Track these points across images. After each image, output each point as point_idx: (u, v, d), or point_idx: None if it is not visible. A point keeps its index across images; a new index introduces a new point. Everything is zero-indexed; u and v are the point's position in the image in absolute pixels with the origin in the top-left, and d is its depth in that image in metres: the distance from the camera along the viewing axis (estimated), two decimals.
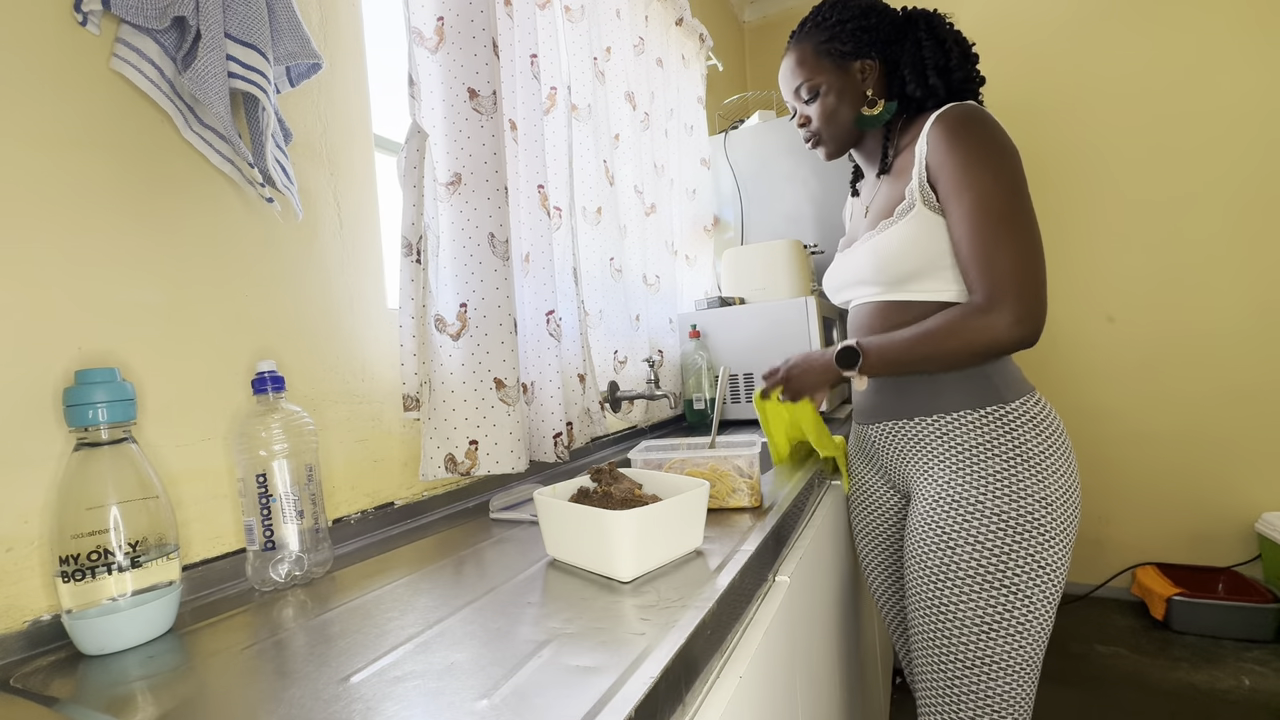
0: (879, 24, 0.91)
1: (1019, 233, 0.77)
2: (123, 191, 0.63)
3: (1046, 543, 0.77)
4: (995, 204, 0.77)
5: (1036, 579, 0.77)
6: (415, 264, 0.86)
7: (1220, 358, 2.13)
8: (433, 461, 0.90)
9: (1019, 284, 0.76)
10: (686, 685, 0.45)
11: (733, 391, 1.61)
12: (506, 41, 1.03)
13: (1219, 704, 1.63)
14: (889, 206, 0.89)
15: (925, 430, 0.86)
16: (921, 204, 0.83)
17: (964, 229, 0.79)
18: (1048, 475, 0.79)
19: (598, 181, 1.35)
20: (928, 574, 0.82)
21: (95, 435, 0.54)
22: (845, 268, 0.96)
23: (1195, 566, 2.16)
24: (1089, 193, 2.28)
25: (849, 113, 0.93)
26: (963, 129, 0.80)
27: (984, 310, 0.77)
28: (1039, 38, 2.33)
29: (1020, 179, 0.79)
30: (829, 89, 0.93)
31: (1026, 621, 0.77)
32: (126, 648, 0.53)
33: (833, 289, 1.01)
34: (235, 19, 0.64)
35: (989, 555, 0.78)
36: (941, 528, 0.81)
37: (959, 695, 0.80)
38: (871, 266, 0.88)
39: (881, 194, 0.93)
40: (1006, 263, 0.76)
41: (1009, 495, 0.78)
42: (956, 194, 0.79)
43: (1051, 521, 0.77)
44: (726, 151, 2.05)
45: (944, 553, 0.81)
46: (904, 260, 0.85)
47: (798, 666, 0.71)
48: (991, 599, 0.78)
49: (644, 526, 0.59)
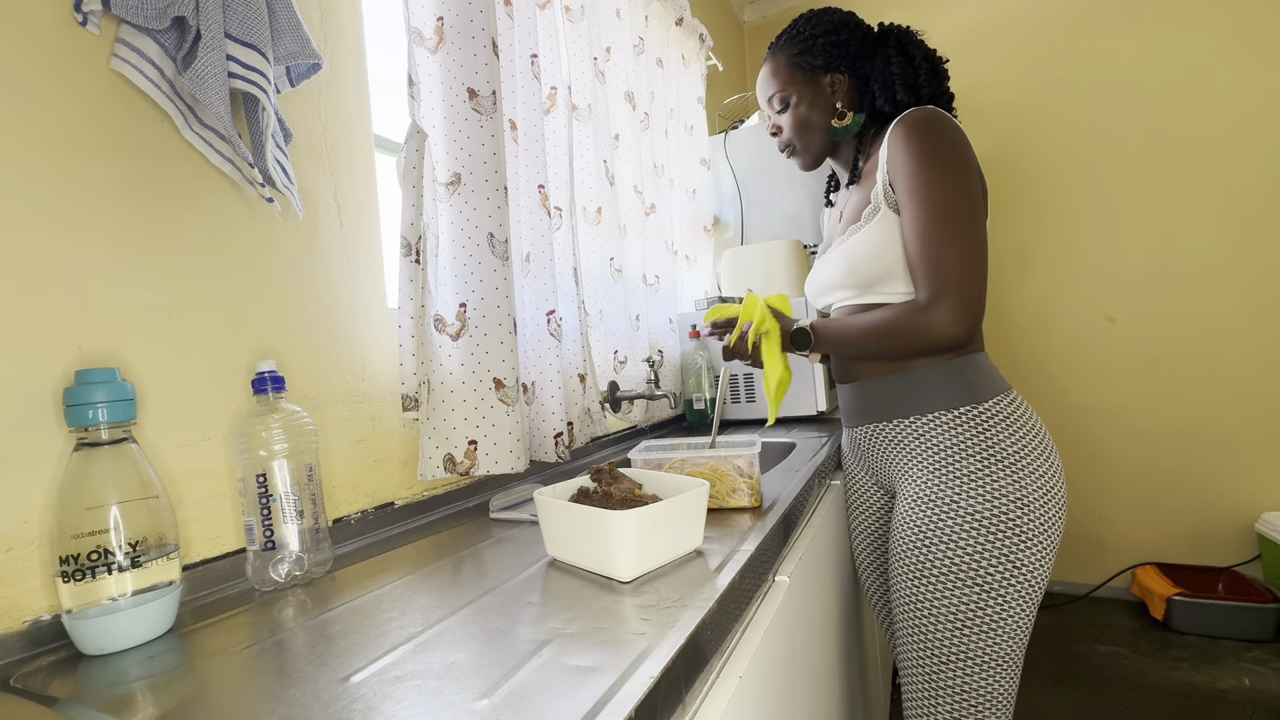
0: (850, 39, 0.94)
1: (962, 236, 0.80)
2: (123, 191, 0.63)
3: (1022, 543, 0.79)
4: (942, 208, 0.80)
5: (1011, 578, 0.78)
6: (414, 264, 0.86)
7: (1220, 358, 2.13)
8: (431, 461, 0.90)
9: (959, 285, 0.79)
10: (686, 685, 0.45)
11: (733, 391, 1.61)
12: (506, 41, 1.03)
13: (1219, 704, 1.63)
14: (857, 212, 0.92)
15: (905, 432, 0.89)
16: (886, 207, 0.86)
17: (912, 230, 0.82)
18: (1024, 475, 0.80)
19: (598, 181, 1.35)
20: (908, 571, 0.85)
21: (95, 435, 0.54)
22: (821, 273, 0.99)
23: (1195, 566, 2.16)
24: (1089, 193, 2.28)
25: (819, 124, 0.97)
26: (918, 133, 0.83)
27: (925, 309, 0.80)
28: (1038, 38, 2.33)
29: (969, 183, 0.82)
30: (799, 100, 0.97)
31: (1002, 619, 0.79)
32: (126, 648, 0.53)
33: (812, 294, 1.04)
34: (235, 19, 0.64)
35: (964, 554, 0.80)
36: (920, 527, 0.84)
37: (939, 690, 0.82)
38: (843, 270, 0.91)
39: (852, 200, 0.96)
40: (948, 264, 0.79)
41: (983, 495, 0.80)
42: (908, 196, 0.83)
43: (1028, 522, 0.79)
44: (726, 151, 2.05)
45: (922, 550, 0.83)
46: (872, 263, 0.87)
47: (798, 666, 0.71)
48: (967, 596, 0.80)
49: (644, 526, 0.59)
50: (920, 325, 0.81)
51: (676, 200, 1.85)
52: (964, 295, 0.79)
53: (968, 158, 0.83)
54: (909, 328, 0.82)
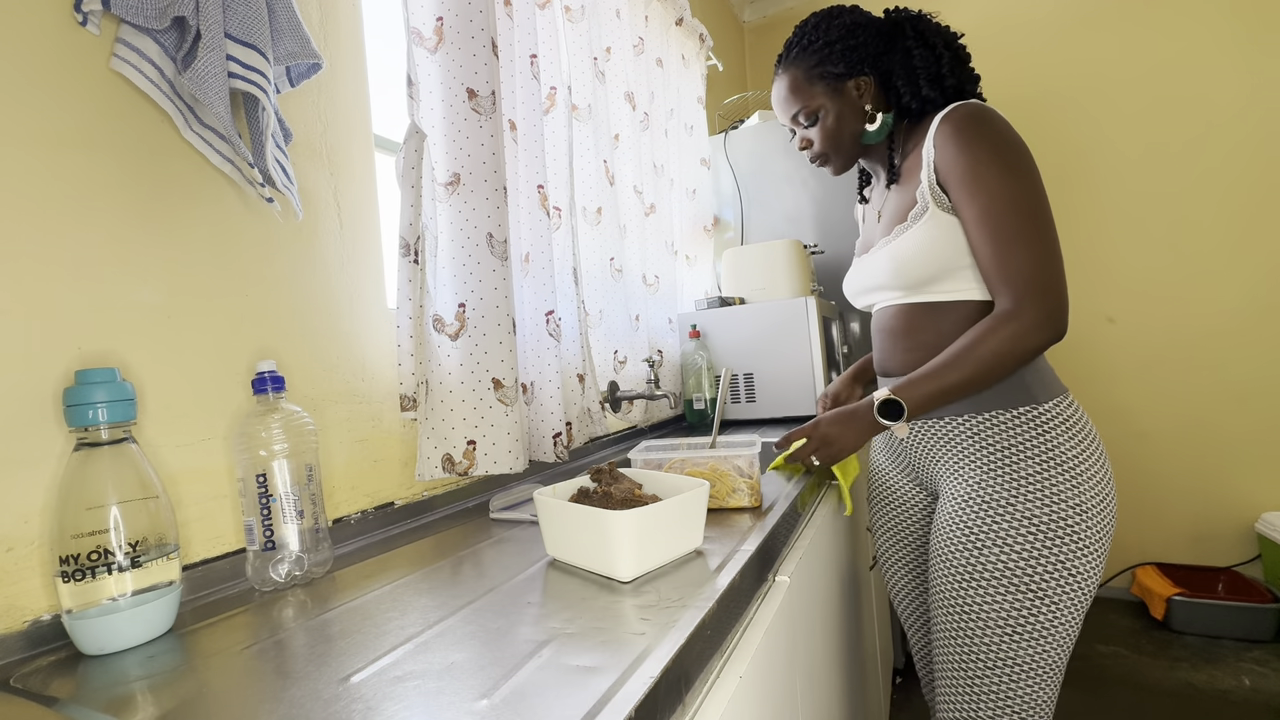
0: (866, 39, 0.90)
1: (1033, 233, 0.76)
2: (123, 192, 0.63)
3: (1079, 550, 0.76)
4: (1007, 205, 0.77)
5: (1065, 585, 0.76)
6: (413, 264, 0.86)
7: (1220, 358, 2.13)
8: (430, 462, 0.90)
9: (1040, 286, 0.75)
10: (686, 685, 0.45)
11: (733, 392, 1.61)
12: (506, 41, 1.03)
13: (1219, 704, 1.63)
14: (902, 211, 0.88)
15: (956, 429, 0.85)
16: (935, 207, 0.83)
17: (980, 234, 0.78)
18: (1082, 480, 0.77)
19: (598, 181, 1.35)
20: (953, 573, 0.82)
21: (95, 435, 0.54)
22: (864, 273, 0.95)
23: (1195, 566, 2.16)
24: (1090, 194, 2.28)
25: (852, 131, 0.93)
26: (969, 129, 0.79)
27: (1012, 316, 0.76)
28: (1036, 39, 2.33)
29: (1032, 175, 0.78)
30: (827, 112, 0.92)
31: (1052, 626, 0.76)
32: (126, 648, 0.53)
33: (853, 294, 1.01)
34: (235, 19, 0.64)
35: (1016, 558, 0.77)
36: (969, 527, 0.81)
37: (979, 695, 0.80)
38: (890, 272, 0.88)
39: (892, 200, 0.92)
40: (1024, 265, 0.76)
41: (1041, 499, 0.77)
42: (970, 197, 0.79)
43: (1086, 529, 0.76)
44: (726, 151, 2.05)
45: (971, 552, 0.80)
46: (922, 264, 0.84)
47: (798, 666, 0.71)
48: (1017, 601, 0.77)
49: (644, 526, 0.59)
50: (1014, 335, 0.75)
51: (676, 200, 1.85)
52: (1050, 295, 0.75)
53: (1024, 148, 0.79)
54: (998, 340, 0.76)
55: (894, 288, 0.89)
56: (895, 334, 0.91)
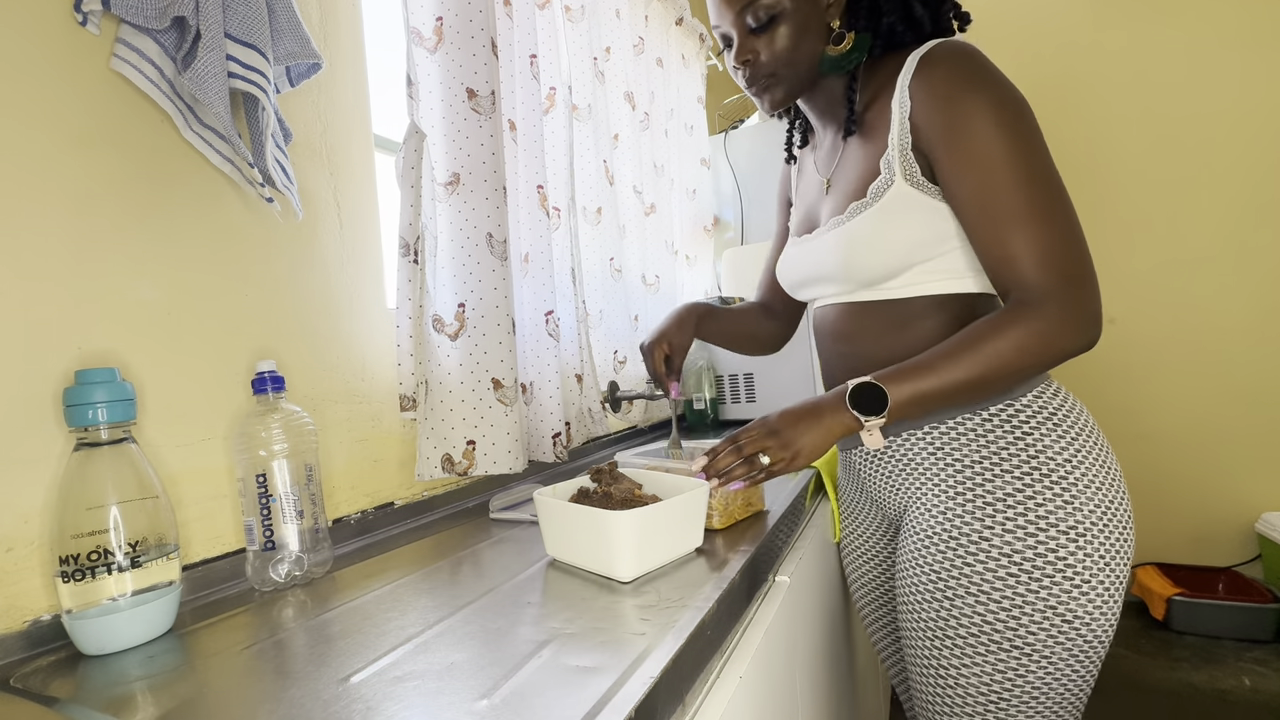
0: None
1: (1051, 207, 0.60)
2: (123, 192, 0.63)
3: (1077, 587, 0.59)
4: (1017, 175, 0.60)
5: (1061, 635, 0.60)
6: (412, 264, 0.86)
7: (1220, 358, 2.13)
8: (429, 462, 0.90)
9: (1069, 276, 0.59)
10: (686, 685, 0.45)
11: (733, 391, 1.61)
12: (506, 41, 1.03)
13: (1219, 704, 1.63)
14: (860, 182, 0.69)
15: (915, 448, 0.69)
16: (902, 180, 0.65)
17: (982, 212, 0.61)
18: (1076, 493, 0.61)
19: (597, 181, 1.35)
20: (923, 628, 0.66)
21: (95, 435, 0.54)
22: (806, 260, 0.77)
23: (1195, 566, 2.16)
24: (1089, 193, 2.28)
25: (811, 49, 0.70)
26: (959, 77, 0.62)
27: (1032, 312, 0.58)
28: (1036, 35, 2.33)
29: (1038, 135, 0.62)
30: (785, 16, 0.69)
31: (1048, 687, 0.61)
32: (126, 648, 0.53)
33: (791, 283, 0.82)
34: (235, 19, 0.64)
35: (995, 607, 0.61)
36: (936, 572, 0.65)
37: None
38: (839, 262, 0.70)
39: (848, 161, 0.72)
40: (1056, 248, 0.59)
41: (1022, 525, 0.61)
42: (966, 165, 0.61)
43: (1084, 557, 0.60)
44: (726, 151, 2.05)
45: (941, 603, 0.64)
46: (882, 254, 0.67)
47: (798, 666, 0.71)
48: (1000, 662, 0.61)
49: (644, 526, 0.59)
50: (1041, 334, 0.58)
51: (676, 200, 1.85)
52: (1085, 287, 0.59)
53: (1023, 101, 0.62)
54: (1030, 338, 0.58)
55: (841, 280, 0.72)
56: (843, 338, 0.75)
